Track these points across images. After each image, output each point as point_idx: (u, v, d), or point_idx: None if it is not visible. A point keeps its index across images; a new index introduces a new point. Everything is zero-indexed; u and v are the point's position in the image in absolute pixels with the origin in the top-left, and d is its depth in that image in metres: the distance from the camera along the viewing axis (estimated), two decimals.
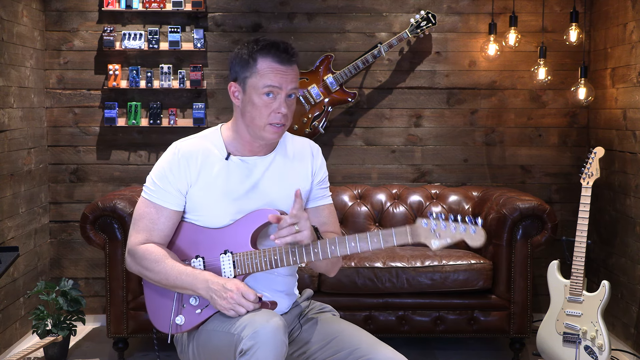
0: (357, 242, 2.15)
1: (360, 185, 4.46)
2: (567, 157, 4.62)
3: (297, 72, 2.24)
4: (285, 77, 2.19)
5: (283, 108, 2.20)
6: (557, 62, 4.51)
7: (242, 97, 2.24)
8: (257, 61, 2.20)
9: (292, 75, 2.21)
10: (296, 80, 2.23)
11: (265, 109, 2.20)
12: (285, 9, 4.55)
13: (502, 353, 4.09)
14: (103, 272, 4.19)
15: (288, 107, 2.22)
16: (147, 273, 2.24)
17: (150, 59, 4.51)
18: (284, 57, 2.19)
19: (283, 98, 2.20)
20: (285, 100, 2.21)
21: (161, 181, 2.26)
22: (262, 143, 2.27)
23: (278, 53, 2.19)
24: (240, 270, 2.21)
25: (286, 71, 2.20)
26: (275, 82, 2.18)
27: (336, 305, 2.48)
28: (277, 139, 2.27)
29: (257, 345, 1.99)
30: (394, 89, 4.58)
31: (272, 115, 2.20)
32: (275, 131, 2.22)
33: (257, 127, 2.22)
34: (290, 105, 2.23)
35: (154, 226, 2.25)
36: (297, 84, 2.23)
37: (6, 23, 3.95)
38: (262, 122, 2.21)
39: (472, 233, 2.08)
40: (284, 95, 2.20)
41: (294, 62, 2.22)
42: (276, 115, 2.20)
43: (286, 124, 2.23)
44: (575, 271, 3.49)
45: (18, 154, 4.11)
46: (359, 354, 2.18)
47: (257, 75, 2.19)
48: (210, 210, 2.25)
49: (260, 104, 2.20)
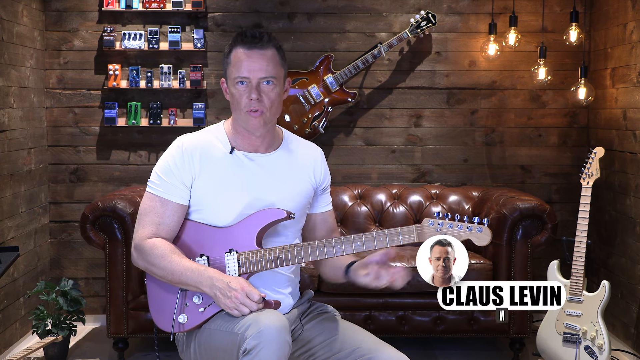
0: (364, 241, 2.16)
1: (360, 185, 4.46)
2: (567, 157, 4.62)
3: (269, 57, 2.23)
4: (252, 64, 2.21)
5: (253, 94, 2.21)
6: (557, 62, 4.51)
7: (228, 91, 2.30)
8: (230, 52, 2.26)
9: (261, 61, 2.22)
10: (267, 67, 2.22)
11: (240, 97, 2.24)
12: (285, 9, 4.55)
13: (502, 353, 4.09)
14: (103, 272, 4.19)
15: (263, 94, 2.22)
16: (152, 268, 2.24)
17: (150, 59, 4.51)
18: (250, 42, 2.22)
19: (254, 84, 2.22)
20: (259, 86, 2.22)
21: (166, 175, 2.27)
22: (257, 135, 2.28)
23: (244, 39, 2.24)
24: (245, 269, 2.21)
25: (252, 56, 2.21)
26: (243, 72, 2.22)
27: (336, 305, 2.48)
28: (258, 126, 2.25)
29: (261, 344, 1.99)
30: (394, 89, 4.58)
31: (246, 102, 2.23)
32: (253, 116, 2.23)
33: (240, 117, 2.26)
34: (267, 92, 2.23)
35: (160, 220, 2.25)
36: (269, 71, 2.23)
37: (6, 23, 3.95)
38: (240, 110, 2.25)
39: (478, 232, 2.09)
40: (255, 82, 2.22)
41: (263, 46, 2.23)
42: (249, 102, 2.22)
43: (263, 110, 2.23)
44: (575, 271, 3.49)
45: (18, 154, 4.10)
46: (360, 354, 2.19)
47: (230, 66, 2.26)
48: (213, 205, 2.26)
49: (237, 94, 2.25)
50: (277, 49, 2.27)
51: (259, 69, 2.22)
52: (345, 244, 2.17)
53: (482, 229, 2.09)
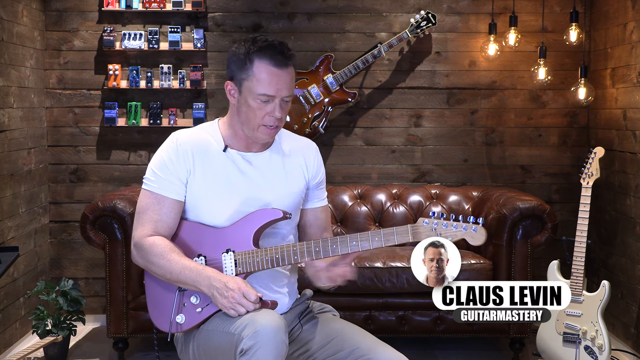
0: (359, 241, 2.17)
1: (360, 185, 4.46)
2: (567, 157, 4.62)
3: (293, 74, 2.24)
4: (280, 83, 2.20)
5: (277, 112, 2.22)
6: (557, 62, 4.51)
7: (238, 97, 2.26)
8: (253, 63, 2.20)
9: (287, 80, 2.22)
10: (291, 85, 2.24)
11: (260, 112, 2.22)
12: (285, 9, 4.55)
13: (502, 353, 4.09)
14: (103, 272, 4.19)
15: (282, 110, 2.23)
16: (151, 266, 2.24)
17: (150, 59, 4.51)
18: (280, 60, 2.20)
19: (278, 102, 2.21)
20: (280, 104, 2.22)
21: (161, 170, 2.27)
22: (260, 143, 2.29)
23: (274, 55, 2.20)
24: (242, 269, 2.21)
25: (281, 75, 2.20)
26: (270, 91, 2.19)
27: (336, 305, 2.48)
28: (269, 140, 2.30)
29: (258, 345, 1.99)
30: (394, 89, 4.58)
31: (266, 117, 2.22)
32: (268, 132, 2.25)
33: (251, 127, 2.24)
34: (284, 107, 2.24)
35: (158, 217, 2.25)
36: (292, 89, 2.25)
37: (6, 23, 3.95)
38: (255, 123, 2.23)
39: (473, 232, 2.10)
40: (279, 100, 2.21)
41: (290, 64, 2.22)
42: (270, 118, 2.22)
43: (280, 125, 2.26)
44: (575, 271, 3.49)
45: (18, 154, 4.11)
46: (359, 354, 2.19)
47: (253, 79, 2.20)
48: (208, 202, 2.26)
49: (255, 107, 2.22)
50: (294, 65, 2.27)
51: (284, 88, 2.21)
52: (341, 243, 2.18)
53: (477, 228, 2.09)
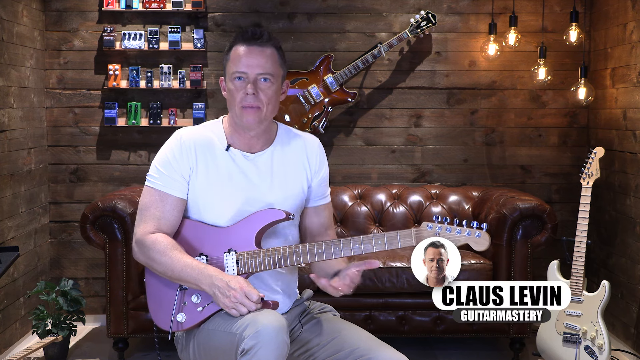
0: (362, 243, 2.17)
1: (360, 185, 4.46)
2: (567, 157, 4.62)
3: (268, 55, 2.26)
4: (250, 60, 2.23)
5: (249, 89, 2.23)
6: (557, 62, 4.51)
7: (226, 87, 2.31)
8: (230, 49, 2.29)
9: (259, 58, 2.24)
10: (267, 64, 2.25)
11: (237, 92, 2.25)
12: (285, 9, 4.55)
13: (502, 353, 4.09)
14: (103, 272, 4.19)
15: (260, 91, 2.24)
16: (152, 264, 2.24)
17: (150, 59, 4.51)
18: (250, 38, 2.25)
19: (251, 79, 2.24)
20: (256, 82, 2.24)
21: (165, 168, 2.28)
22: (252, 134, 2.29)
23: (245, 36, 2.26)
24: (244, 269, 2.21)
25: (251, 52, 2.24)
26: (240, 67, 2.24)
27: (336, 305, 2.48)
28: (252, 123, 2.26)
29: (259, 345, 1.98)
30: (394, 89, 4.58)
31: (242, 97, 2.24)
32: (248, 113, 2.25)
33: (235, 113, 2.27)
34: (264, 89, 2.24)
35: (161, 214, 2.25)
36: (267, 68, 2.25)
37: (6, 23, 3.95)
38: (236, 106, 2.26)
39: (477, 237, 2.10)
40: (252, 77, 2.23)
41: (263, 44, 2.25)
42: (245, 96, 2.23)
43: (260, 106, 2.24)
44: (575, 271, 3.49)
45: (18, 154, 4.11)
46: (359, 354, 2.19)
47: (229, 62, 2.28)
48: (210, 201, 2.26)
49: (233, 88, 2.26)
50: (277, 49, 2.29)
51: (257, 65, 2.24)
52: (344, 246, 2.17)
53: (481, 234, 2.09)
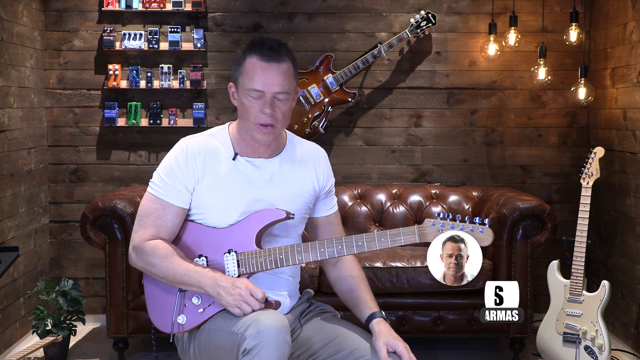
0: (365, 241, 2.16)
1: (360, 185, 4.46)
2: (567, 157, 4.62)
3: (285, 71, 2.19)
4: (268, 78, 2.17)
5: (267, 108, 2.17)
6: (557, 62, 4.51)
7: (238, 97, 2.25)
8: (245, 59, 2.20)
9: (277, 76, 2.17)
10: (285, 81, 2.19)
11: (253, 109, 2.19)
12: (285, 9, 4.55)
13: (502, 353, 4.09)
14: (103, 272, 4.19)
15: (277, 108, 2.19)
16: (152, 269, 2.23)
17: (150, 59, 4.51)
18: (268, 54, 2.17)
19: (268, 99, 2.18)
20: (273, 101, 2.18)
21: (168, 177, 2.25)
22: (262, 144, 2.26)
23: (263, 50, 2.18)
24: (245, 270, 2.20)
25: (269, 69, 2.17)
26: (258, 86, 2.17)
27: (336, 306, 2.48)
28: (267, 140, 2.23)
29: (261, 344, 1.98)
30: (394, 89, 4.58)
31: (258, 114, 2.19)
32: (263, 131, 2.20)
33: (248, 127, 2.22)
34: (280, 106, 2.20)
35: (161, 223, 2.24)
36: (285, 86, 2.19)
37: (6, 23, 3.95)
38: (250, 122, 2.20)
39: (480, 233, 2.09)
40: (269, 96, 2.18)
41: (282, 60, 2.19)
42: (261, 115, 2.19)
43: (275, 124, 2.20)
44: (575, 271, 3.49)
45: (18, 154, 4.10)
46: (359, 354, 2.19)
47: (245, 75, 2.20)
48: (215, 210, 2.25)
49: (248, 104, 2.20)
50: (292, 62, 2.22)
51: (274, 83, 2.17)
52: (346, 244, 2.17)
53: (484, 229, 2.08)
